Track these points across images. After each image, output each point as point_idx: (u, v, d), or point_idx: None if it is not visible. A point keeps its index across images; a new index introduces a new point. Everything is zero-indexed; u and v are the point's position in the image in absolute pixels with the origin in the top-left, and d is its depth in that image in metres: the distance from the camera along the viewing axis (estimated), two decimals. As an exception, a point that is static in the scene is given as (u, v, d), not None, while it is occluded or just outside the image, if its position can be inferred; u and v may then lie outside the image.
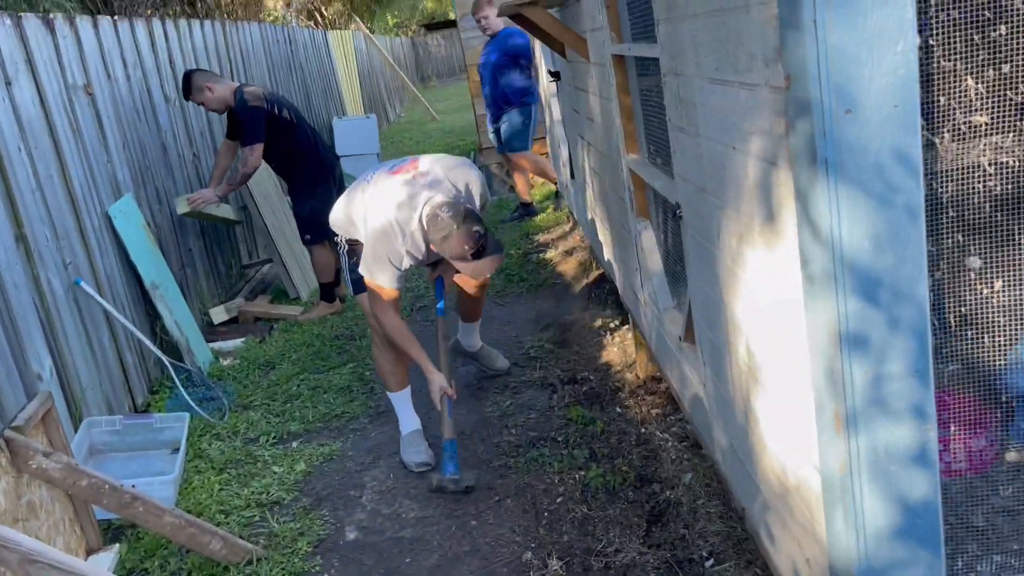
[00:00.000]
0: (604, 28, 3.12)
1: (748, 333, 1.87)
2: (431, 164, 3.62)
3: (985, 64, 1.29)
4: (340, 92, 14.94)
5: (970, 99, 1.31)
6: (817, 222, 1.28)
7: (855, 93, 1.21)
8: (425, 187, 3.48)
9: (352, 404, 4.79)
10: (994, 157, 1.35)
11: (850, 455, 1.36)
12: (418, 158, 3.71)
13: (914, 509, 1.38)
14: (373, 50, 19.93)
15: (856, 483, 1.37)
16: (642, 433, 3.95)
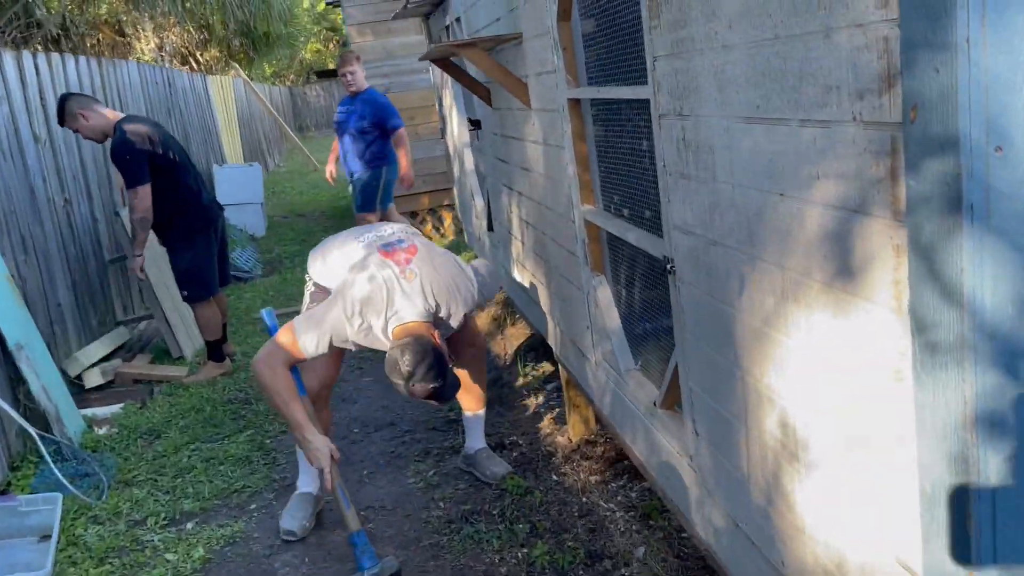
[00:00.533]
0: (557, 71, 2.92)
1: (786, 406, 1.65)
2: (424, 265, 3.23)
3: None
4: (220, 139, 14.27)
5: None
6: (950, 281, 1.07)
7: (1007, 129, 1.02)
8: (404, 296, 3.14)
9: (254, 477, 4.29)
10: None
11: (978, 555, 1.13)
12: (417, 247, 3.33)
13: (1045, 619, 1.17)
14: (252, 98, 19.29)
15: None
16: (584, 503, 3.68)
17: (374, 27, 8.91)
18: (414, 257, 3.24)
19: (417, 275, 3.17)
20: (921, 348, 1.16)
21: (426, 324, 3.16)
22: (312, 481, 3.81)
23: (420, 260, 3.22)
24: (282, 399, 3.19)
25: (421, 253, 3.27)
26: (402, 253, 3.26)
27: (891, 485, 1.34)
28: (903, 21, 1.08)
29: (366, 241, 3.47)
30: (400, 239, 3.38)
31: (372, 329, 3.17)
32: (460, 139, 6.01)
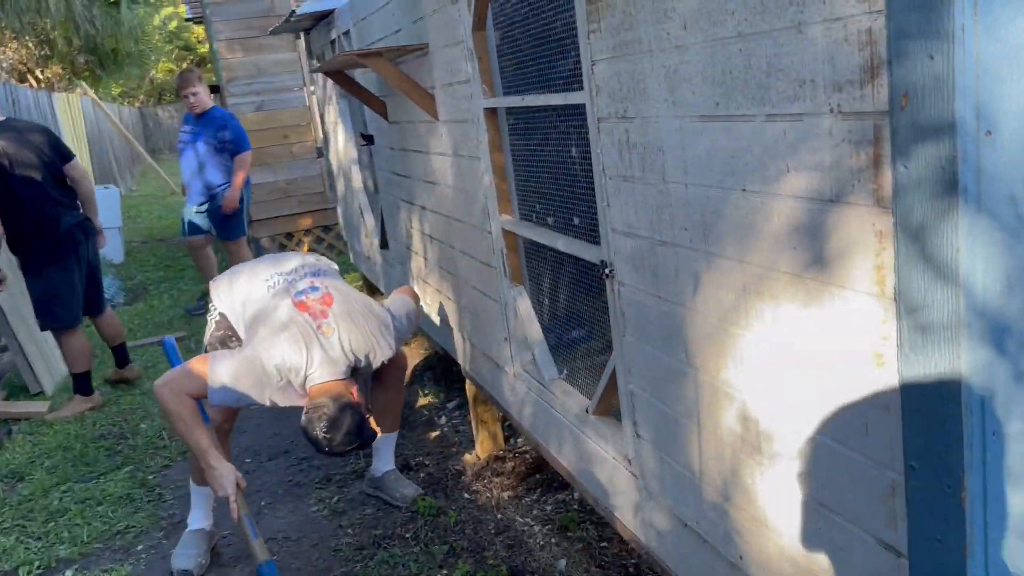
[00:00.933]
0: (472, 81, 2.90)
1: (747, 400, 1.67)
2: (341, 319, 3.08)
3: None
4: (69, 160, 13.34)
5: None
6: (944, 261, 1.11)
7: (994, 114, 1.07)
8: (323, 353, 3.01)
9: (138, 516, 3.99)
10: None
11: (971, 531, 1.17)
12: (332, 296, 3.15)
13: (1026, 585, 1.22)
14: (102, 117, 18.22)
15: (973, 564, 1.19)
16: (500, 519, 3.63)
17: (244, 43, 8.62)
18: (330, 309, 3.09)
19: (335, 330, 3.04)
20: (910, 329, 1.20)
21: (344, 381, 3.05)
22: (205, 517, 3.57)
23: (337, 313, 3.08)
24: (186, 424, 2.98)
25: (337, 303, 3.12)
26: (317, 304, 3.11)
27: (868, 468, 1.37)
28: (892, 12, 1.12)
29: (276, 287, 3.28)
30: (314, 286, 3.21)
31: (290, 385, 3.04)
32: (346, 156, 5.87)
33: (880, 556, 1.38)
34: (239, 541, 3.68)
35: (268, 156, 8.79)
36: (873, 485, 1.37)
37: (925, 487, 1.24)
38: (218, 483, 3.03)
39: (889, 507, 1.34)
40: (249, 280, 3.40)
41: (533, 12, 2.52)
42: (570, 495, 3.72)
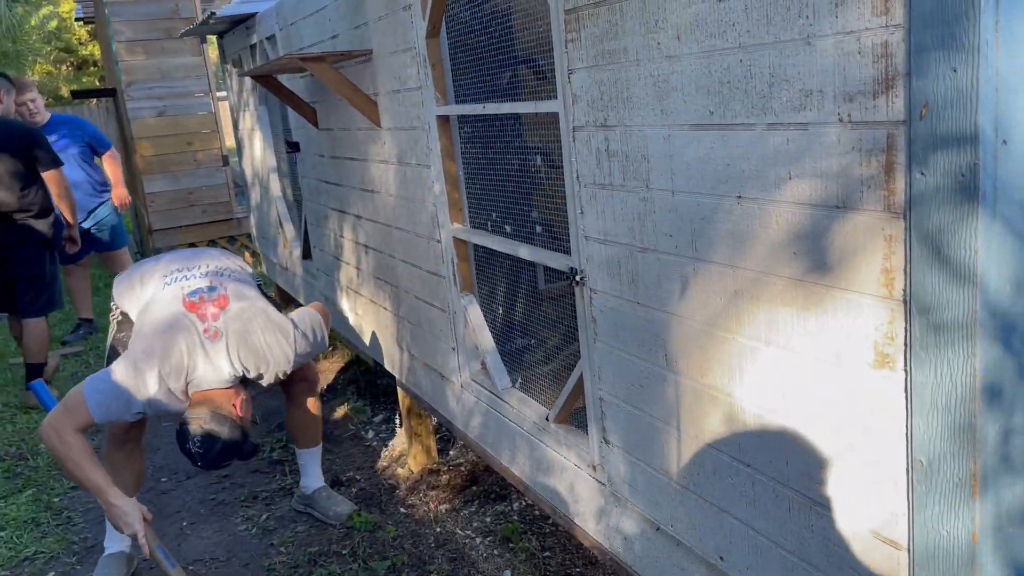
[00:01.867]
0: (424, 88, 2.87)
1: (735, 402, 1.71)
2: (232, 323, 2.94)
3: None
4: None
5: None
6: (960, 263, 1.18)
7: (1009, 124, 1.14)
8: (206, 360, 2.89)
9: (46, 541, 3.74)
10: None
11: (981, 525, 1.24)
12: (228, 298, 3.01)
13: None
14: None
15: (982, 553, 1.25)
16: (439, 533, 3.58)
17: (146, 46, 8.27)
18: (222, 312, 2.95)
19: (223, 335, 2.90)
20: (922, 330, 1.26)
21: (227, 391, 2.93)
22: (122, 539, 3.37)
23: (229, 316, 2.94)
24: (76, 465, 2.82)
25: (232, 307, 2.98)
26: (210, 305, 2.97)
27: (868, 465, 1.43)
28: (912, 27, 1.18)
29: (173, 284, 3.12)
30: (211, 285, 3.06)
31: (171, 392, 2.89)
32: (263, 164, 5.70)
33: (880, 551, 1.43)
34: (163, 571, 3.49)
35: (170, 163, 8.45)
36: (873, 479, 1.42)
37: (931, 481, 1.29)
38: (122, 521, 2.87)
39: (891, 502, 1.39)
40: (150, 275, 3.24)
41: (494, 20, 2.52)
42: (509, 506, 3.70)
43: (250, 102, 5.68)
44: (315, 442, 3.78)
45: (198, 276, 3.14)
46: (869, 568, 1.46)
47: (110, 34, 8.18)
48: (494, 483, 3.87)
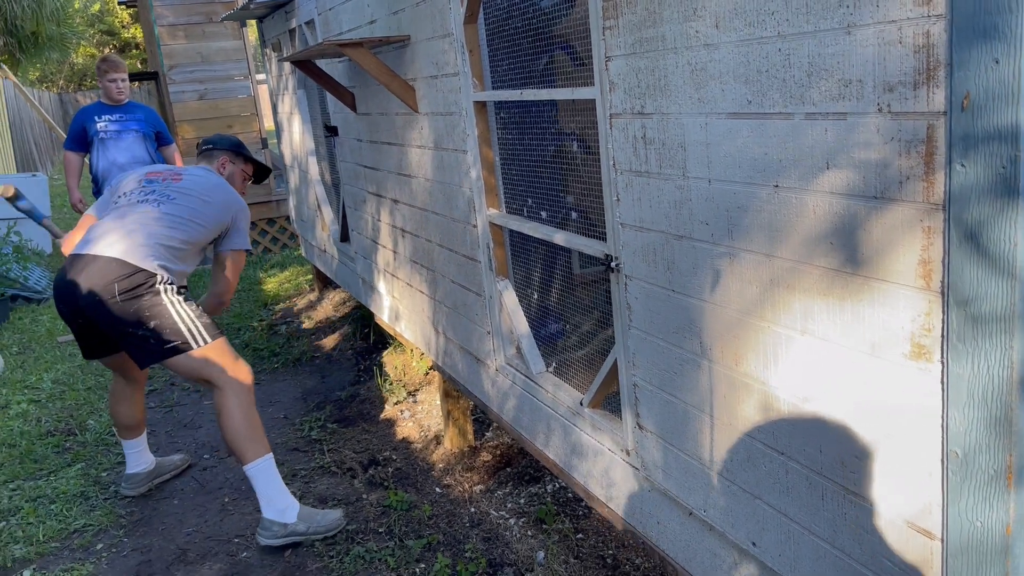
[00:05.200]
0: (462, 74, 2.89)
1: (770, 390, 1.72)
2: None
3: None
4: (-11, 145, 12.81)
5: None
6: (1000, 255, 1.17)
7: (1050, 116, 1.13)
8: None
9: (95, 514, 3.86)
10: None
11: (1016, 517, 1.24)
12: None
13: (1057, 563, 1.30)
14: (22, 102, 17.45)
15: (1016, 545, 1.25)
16: (474, 513, 3.63)
17: (187, 29, 8.38)
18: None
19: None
20: (960, 321, 1.25)
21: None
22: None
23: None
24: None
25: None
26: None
27: (899, 456, 1.43)
28: (954, 17, 1.17)
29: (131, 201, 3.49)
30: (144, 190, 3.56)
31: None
32: (302, 147, 5.77)
33: (913, 540, 1.44)
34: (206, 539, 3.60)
35: (211, 146, 8.56)
36: (908, 470, 1.42)
37: (967, 472, 1.30)
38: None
39: (926, 492, 1.40)
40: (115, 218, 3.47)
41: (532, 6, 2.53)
42: (543, 488, 3.74)
43: (289, 86, 5.74)
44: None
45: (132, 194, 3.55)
46: (902, 557, 1.47)
47: (152, 18, 8.30)
48: (528, 465, 3.91)
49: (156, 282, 3.25)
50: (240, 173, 3.81)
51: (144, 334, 3.22)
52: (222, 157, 3.76)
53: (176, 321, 3.25)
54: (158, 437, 4.74)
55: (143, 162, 6.28)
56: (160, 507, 3.93)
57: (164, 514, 3.85)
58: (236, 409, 3.30)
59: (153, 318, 3.21)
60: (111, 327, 3.25)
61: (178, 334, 3.25)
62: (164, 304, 3.23)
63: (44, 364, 6.03)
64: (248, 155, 3.87)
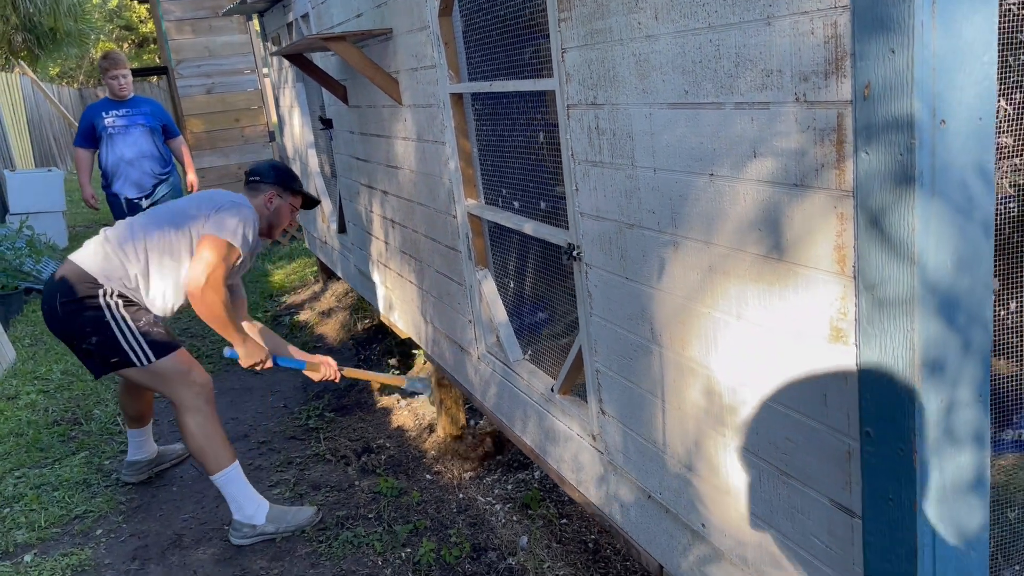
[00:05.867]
0: (438, 67, 2.94)
1: (712, 375, 1.76)
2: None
3: (1014, 87, 1.32)
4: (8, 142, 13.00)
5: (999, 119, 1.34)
6: (901, 241, 1.20)
7: (950, 104, 1.16)
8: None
9: (95, 501, 3.96)
10: (1014, 179, 1.39)
11: (920, 490, 1.27)
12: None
13: (970, 539, 1.33)
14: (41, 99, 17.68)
15: (923, 522, 1.29)
16: (462, 499, 3.70)
17: (194, 24, 8.47)
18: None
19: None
20: (869, 305, 1.29)
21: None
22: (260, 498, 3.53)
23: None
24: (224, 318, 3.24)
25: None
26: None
27: (826, 436, 1.47)
28: (856, 8, 1.21)
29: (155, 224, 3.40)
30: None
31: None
32: (302, 140, 5.84)
33: (835, 517, 1.48)
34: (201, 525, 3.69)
35: (219, 140, 8.68)
36: (830, 452, 1.46)
37: (879, 452, 1.33)
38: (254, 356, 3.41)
39: (845, 472, 1.44)
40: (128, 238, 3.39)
41: None
42: (530, 475, 3.80)
43: (289, 79, 5.81)
44: (211, 469, 3.41)
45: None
46: (828, 535, 1.51)
47: (160, 13, 8.40)
48: (517, 452, 3.97)
49: (101, 295, 3.21)
50: (288, 207, 3.57)
51: (87, 348, 3.25)
52: (269, 192, 3.49)
53: (117, 337, 3.21)
54: (161, 426, 4.84)
55: (150, 155, 6.39)
56: (159, 494, 4.02)
57: (162, 501, 3.95)
58: (193, 426, 3.35)
59: (94, 333, 3.20)
60: (62, 336, 3.30)
61: (118, 351, 3.23)
62: (106, 320, 3.21)
63: (54, 356, 6.16)
64: (297, 188, 3.60)
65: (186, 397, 3.33)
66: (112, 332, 3.21)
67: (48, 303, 3.26)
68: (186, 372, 3.35)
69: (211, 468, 3.39)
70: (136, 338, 3.26)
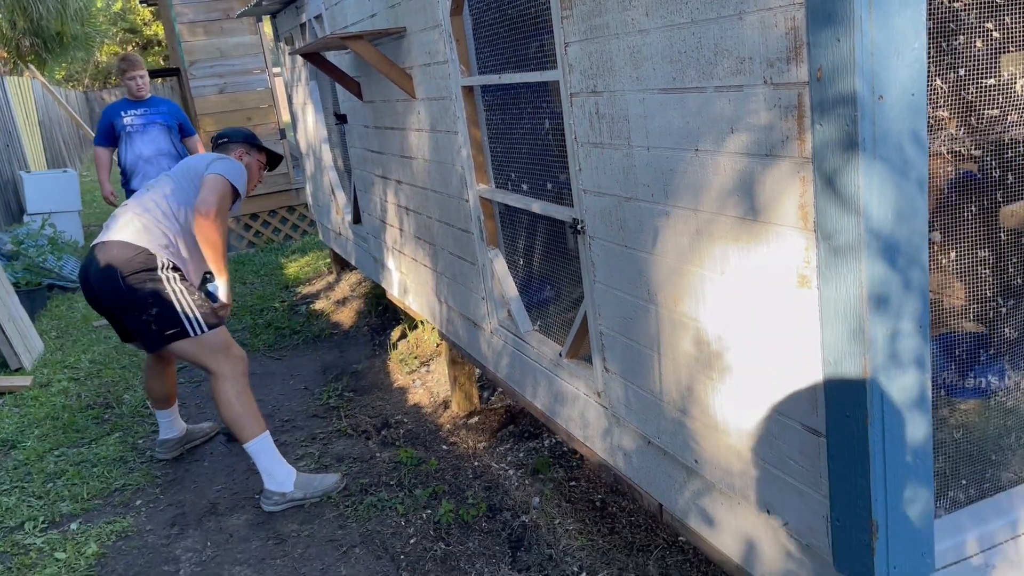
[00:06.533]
0: (450, 62, 3.19)
1: (700, 326, 2.01)
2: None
3: (948, 68, 1.57)
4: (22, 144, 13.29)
5: (936, 97, 1.58)
6: (848, 199, 1.46)
7: (886, 82, 1.41)
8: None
9: (133, 476, 4.23)
10: (951, 146, 1.64)
11: (871, 407, 1.53)
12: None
13: (915, 451, 1.58)
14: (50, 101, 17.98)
15: (874, 433, 1.54)
16: (477, 466, 3.96)
17: (206, 26, 8.73)
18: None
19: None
20: (826, 252, 1.54)
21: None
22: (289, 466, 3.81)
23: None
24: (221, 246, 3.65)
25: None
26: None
27: (794, 370, 1.72)
28: (810, 4, 1.46)
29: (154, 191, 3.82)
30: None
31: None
32: (316, 135, 6.10)
33: (805, 438, 1.73)
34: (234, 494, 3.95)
35: (232, 138, 8.93)
36: (800, 381, 1.72)
37: (838, 377, 1.59)
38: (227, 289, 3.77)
39: (813, 398, 1.69)
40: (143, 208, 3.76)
41: None
42: (540, 443, 4.06)
43: (302, 77, 6.06)
44: (245, 437, 3.66)
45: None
46: (800, 454, 1.76)
47: (173, 16, 8.66)
48: (528, 424, 4.23)
49: (160, 267, 3.54)
50: (256, 163, 4.08)
51: (147, 319, 3.54)
52: (238, 149, 4.01)
53: (176, 309, 3.54)
54: (188, 409, 5.11)
55: (168, 154, 6.65)
56: (192, 468, 4.29)
57: (196, 474, 4.22)
58: (232, 395, 3.63)
59: (155, 304, 3.51)
60: (122, 311, 3.59)
61: (178, 322, 3.55)
62: (167, 291, 3.52)
63: (81, 346, 6.43)
64: (261, 145, 4.14)
65: (226, 368, 3.63)
66: (172, 304, 3.54)
67: (103, 283, 3.53)
68: (228, 345, 3.67)
69: (246, 436, 3.66)
70: (192, 310, 3.58)
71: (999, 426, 1.96)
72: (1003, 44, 1.60)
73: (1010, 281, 1.82)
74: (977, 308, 1.96)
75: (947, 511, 1.81)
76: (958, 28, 1.57)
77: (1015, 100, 1.67)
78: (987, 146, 1.68)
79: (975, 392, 2.13)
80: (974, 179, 1.92)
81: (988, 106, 1.63)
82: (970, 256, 1.70)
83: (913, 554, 1.62)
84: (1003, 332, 1.92)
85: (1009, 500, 1.83)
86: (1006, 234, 1.77)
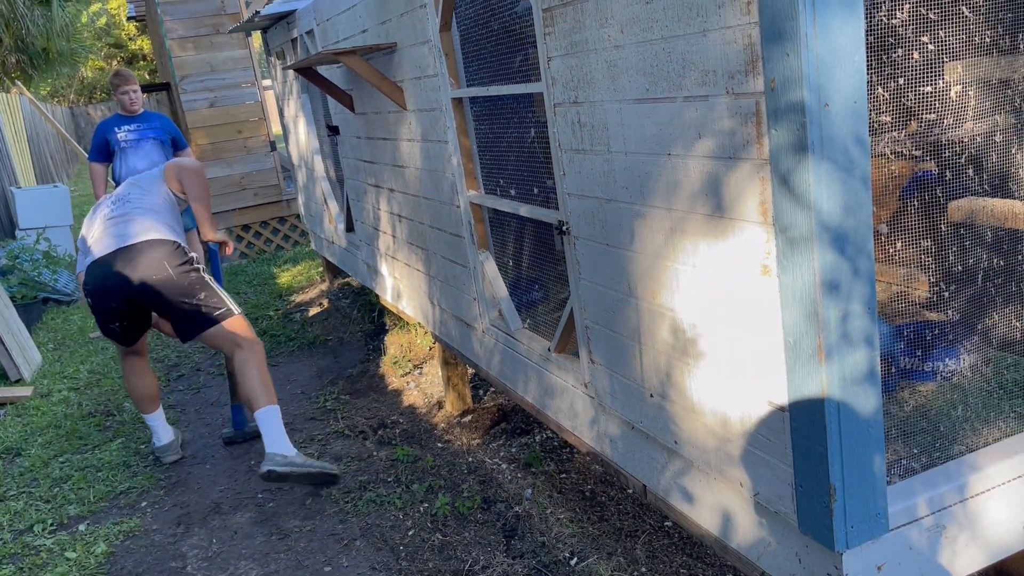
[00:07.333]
0: (440, 75, 3.37)
1: (676, 316, 2.19)
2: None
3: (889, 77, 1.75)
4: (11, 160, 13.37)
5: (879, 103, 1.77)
6: (801, 195, 1.64)
7: (831, 91, 1.59)
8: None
9: (137, 479, 4.38)
10: (893, 148, 1.82)
11: (827, 383, 1.71)
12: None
13: (867, 421, 1.76)
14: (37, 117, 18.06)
15: (830, 405, 1.72)
16: (471, 462, 4.12)
17: (196, 41, 8.89)
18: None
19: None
20: (783, 244, 1.72)
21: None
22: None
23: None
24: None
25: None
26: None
27: (760, 351, 1.90)
28: (763, 23, 1.64)
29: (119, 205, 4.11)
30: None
31: None
32: (308, 147, 6.26)
33: (772, 413, 1.91)
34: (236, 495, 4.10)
35: (223, 150, 9.09)
36: (766, 361, 1.89)
37: (797, 355, 1.77)
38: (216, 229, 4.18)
39: (778, 375, 1.87)
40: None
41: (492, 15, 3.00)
42: (532, 438, 4.23)
43: (294, 90, 6.23)
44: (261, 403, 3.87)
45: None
46: (768, 428, 1.94)
47: (163, 32, 8.81)
48: (519, 420, 4.39)
49: (192, 259, 3.91)
50: None
51: (196, 303, 3.86)
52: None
53: (218, 291, 3.93)
54: (188, 415, 5.26)
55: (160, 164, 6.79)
56: (194, 471, 4.43)
57: (198, 476, 4.36)
58: (256, 366, 3.94)
59: (202, 289, 3.87)
60: (170, 300, 3.84)
61: (223, 302, 3.93)
62: (205, 278, 3.91)
63: (79, 357, 6.56)
64: None
65: (253, 342, 4.00)
66: (214, 288, 3.91)
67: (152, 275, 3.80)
68: (250, 325, 4.06)
69: (262, 403, 3.86)
70: (225, 293, 3.97)
71: (949, 402, 2.14)
72: (938, 55, 1.79)
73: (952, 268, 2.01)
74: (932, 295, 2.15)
75: (901, 478, 1.99)
76: (896, 42, 1.75)
77: (951, 105, 1.86)
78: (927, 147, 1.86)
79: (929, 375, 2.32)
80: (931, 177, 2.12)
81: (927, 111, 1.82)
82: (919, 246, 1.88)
83: (868, 515, 1.79)
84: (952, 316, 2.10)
85: (958, 468, 2.01)
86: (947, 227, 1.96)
